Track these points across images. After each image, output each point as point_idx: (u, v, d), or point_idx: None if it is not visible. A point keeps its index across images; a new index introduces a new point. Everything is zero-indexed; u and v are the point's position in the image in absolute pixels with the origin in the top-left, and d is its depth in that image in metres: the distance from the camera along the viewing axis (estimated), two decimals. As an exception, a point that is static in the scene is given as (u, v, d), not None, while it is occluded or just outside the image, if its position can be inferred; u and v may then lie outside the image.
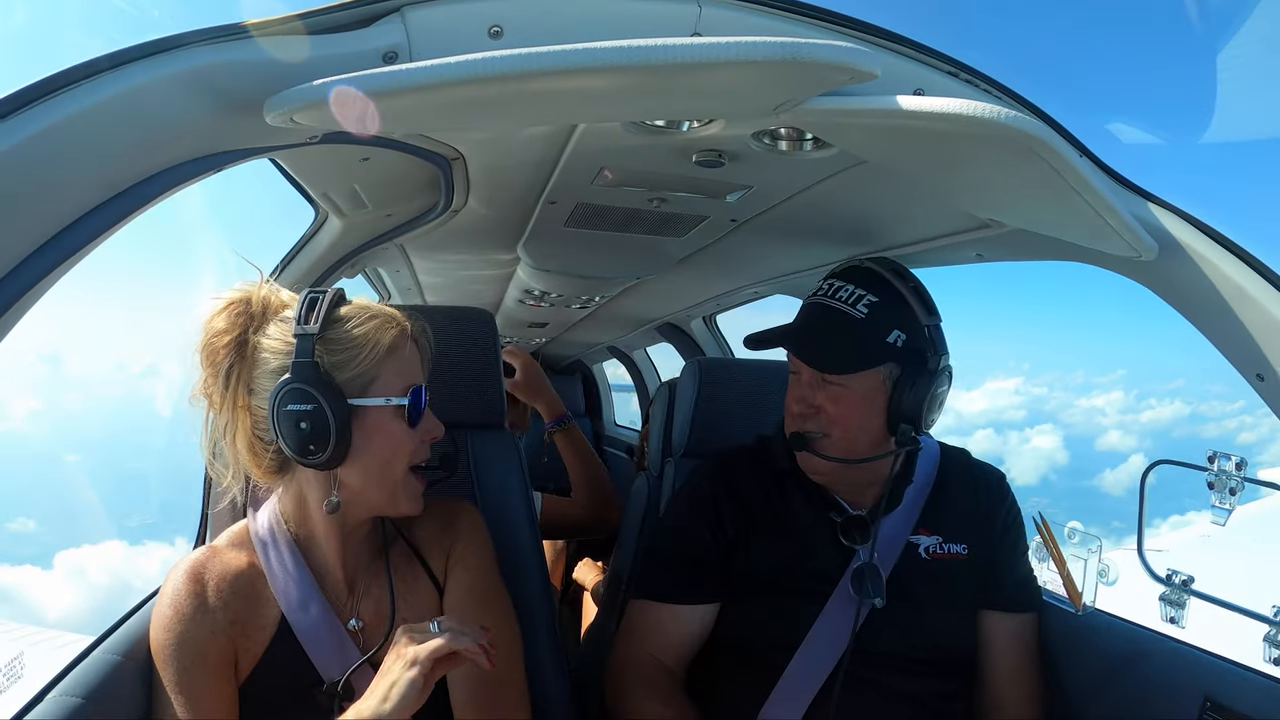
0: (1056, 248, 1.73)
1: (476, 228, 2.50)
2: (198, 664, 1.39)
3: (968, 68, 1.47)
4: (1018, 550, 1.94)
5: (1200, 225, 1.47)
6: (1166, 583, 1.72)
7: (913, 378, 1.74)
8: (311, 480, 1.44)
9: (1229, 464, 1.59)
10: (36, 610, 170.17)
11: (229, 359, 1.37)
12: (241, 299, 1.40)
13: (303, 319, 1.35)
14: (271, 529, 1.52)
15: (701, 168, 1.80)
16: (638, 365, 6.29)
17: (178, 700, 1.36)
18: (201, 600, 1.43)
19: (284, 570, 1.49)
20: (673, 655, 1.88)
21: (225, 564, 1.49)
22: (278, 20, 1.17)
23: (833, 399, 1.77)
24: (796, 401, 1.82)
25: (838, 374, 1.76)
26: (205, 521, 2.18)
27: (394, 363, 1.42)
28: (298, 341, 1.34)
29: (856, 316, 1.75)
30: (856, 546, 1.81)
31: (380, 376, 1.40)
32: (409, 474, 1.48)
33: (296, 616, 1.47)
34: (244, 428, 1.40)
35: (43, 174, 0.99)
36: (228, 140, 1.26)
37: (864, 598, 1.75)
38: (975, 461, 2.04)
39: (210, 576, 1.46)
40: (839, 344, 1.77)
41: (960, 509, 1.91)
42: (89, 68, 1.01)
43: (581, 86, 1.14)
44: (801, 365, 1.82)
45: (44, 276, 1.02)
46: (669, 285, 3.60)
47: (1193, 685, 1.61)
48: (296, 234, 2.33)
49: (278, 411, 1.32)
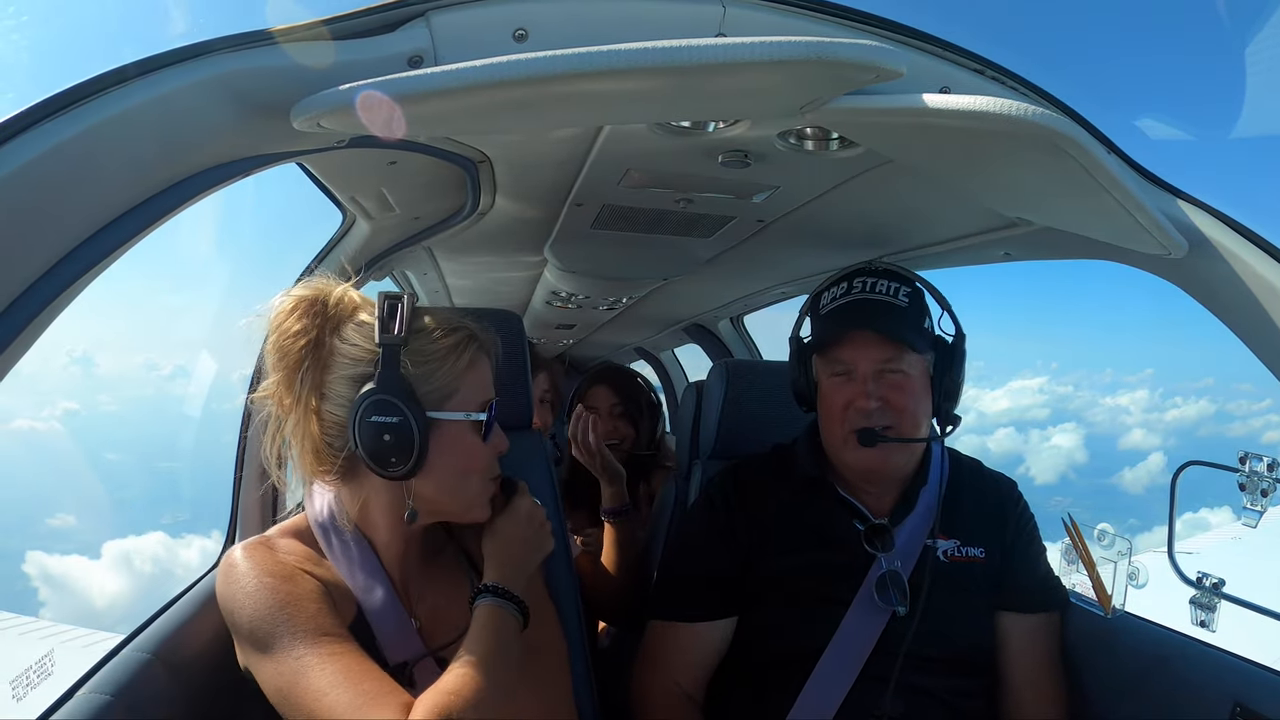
0: (1085, 246, 1.72)
1: (503, 230, 2.51)
2: (326, 609, 1.32)
3: (994, 65, 1.46)
4: (1033, 552, 1.95)
5: (1230, 222, 1.45)
6: (1197, 586, 1.69)
7: (949, 362, 1.83)
8: (380, 488, 1.42)
9: (1260, 465, 1.56)
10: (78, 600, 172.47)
11: (304, 361, 1.34)
12: (317, 298, 1.37)
13: (386, 326, 1.33)
14: (334, 521, 1.49)
15: (728, 168, 1.80)
16: (665, 366, 6.29)
17: (315, 652, 1.25)
18: (292, 566, 1.38)
19: (349, 557, 1.46)
20: (692, 676, 1.90)
21: (292, 548, 1.45)
22: (303, 26, 1.18)
23: (895, 387, 1.80)
24: (861, 397, 1.81)
25: (912, 351, 1.81)
26: (235, 519, 2.21)
27: (472, 377, 1.41)
28: (384, 350, 1.32)
29: (902, 305, 1.83)
30: (879, 554, 1.82)
31: (459, 391, 1.39)
32: (480, 484, 1.47)
33: (364, 599, 1.44)
34: (311, 432, 1.36)
35: (74, 179, 1.01)
36: (255, 145, 1.27)
37: (887, 605, 1.76)
38: (987, 470, 2.07)
39: (284, 553, 1.42)
40: (903, 328, 1.82)
41: (975, 514, 1.93)
42: (118, 75, 1.03)
43: (607, 88, 1.14)
44: (858, 359, 1.82)
45: (76, 280, 1.03)
46: (696, 286, 3.59)
47: (1222, 689, 1.59)
48: (324, 237, 2.34)
49: (360, 421, 1.30)
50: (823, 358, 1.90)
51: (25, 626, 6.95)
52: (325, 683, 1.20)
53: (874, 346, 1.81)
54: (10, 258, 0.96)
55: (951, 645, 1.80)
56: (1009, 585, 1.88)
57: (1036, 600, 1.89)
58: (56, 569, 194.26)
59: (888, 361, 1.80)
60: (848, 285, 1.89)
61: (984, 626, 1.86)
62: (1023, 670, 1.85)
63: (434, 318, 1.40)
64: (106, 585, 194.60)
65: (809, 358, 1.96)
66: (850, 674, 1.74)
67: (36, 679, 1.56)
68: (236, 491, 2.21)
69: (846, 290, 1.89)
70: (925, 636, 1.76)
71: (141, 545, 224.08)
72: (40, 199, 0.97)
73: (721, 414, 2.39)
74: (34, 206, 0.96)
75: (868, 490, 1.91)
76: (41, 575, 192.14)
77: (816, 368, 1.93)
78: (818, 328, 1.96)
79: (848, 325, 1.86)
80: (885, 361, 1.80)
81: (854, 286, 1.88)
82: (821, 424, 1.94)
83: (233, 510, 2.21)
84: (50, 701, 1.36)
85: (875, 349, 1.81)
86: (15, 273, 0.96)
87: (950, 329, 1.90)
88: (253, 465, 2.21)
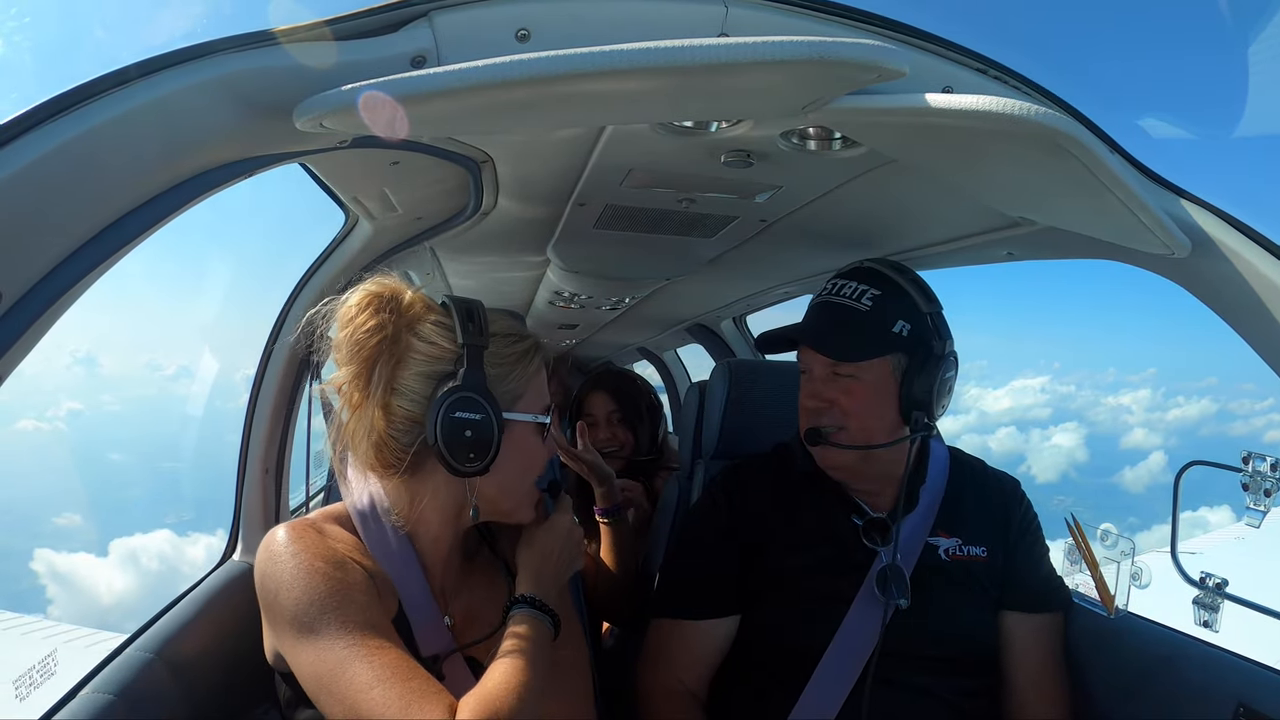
0: (1088, 245, 1.72)
1: (506, 230, 2.51)
2: (374, 601, 1.32)
3: (997, 64, 1.46)
4: (1036, 552, 1.94)
5: (1234, 221, 1.45)
6: (1200, 586, 1.69)
7: (920, 365, 1.79)
8: (442, 485, 1.44)
9: (1264, 465, 1.56)
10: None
11: (379, 355, 1.36)
12: (390, 295, 1.39)
13: (467, 328, 1.38)
14: (374, 511, 1.49)
15: (730, 168, 1.80)
16: (668, 366, 6.29)
17: (363, 644, 1.23)
18: (342, 554, 1.36)
19: (387, 550, 1.46)
20: (695, 674, 1.90)
21: (339, 535, 1.43)
22: (306, 27, 1.17)
23: (845, 391, 1.81)
24: (810, 398, 1.87)
25: (847, 362, 1.81)
26: (238, 518, 2.21)
27: (538, 382, 1.49)
28: (468, 350, 1.36)
29: (862, 309, 1.81)
30: (879, 548, 1.83)
31: (526, 394, 1.46)
32: (532, 486, 1.52)
33: (403, 592, 1.45)
34: (377, 425, 1.37)
35: (75, 181, 1.01)
36: (258, 145, 1.27)
37: (889, 599, 1.76)
38: (990, 469, 2.07)
39: (332, 540, 1.39)
40: (847, 336, 1.82)
41: (977, 513, 1.93)
42: (119, 76, 1.03)
43: (609, 88, 1.14)
44: (812, 362, 1.87)
45: (78, 280, 1.03)
46: (698, 286, 3.60)
47: (1225, 690, 1.58)
48: (327, 238, 2.34)
49: (442, 416, 1.33)
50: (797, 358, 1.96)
51: (28, 626, 6.97)
52: (371, 677, 1.20)
53: (820, 352, 1.86)
54: (13, 258, 0.96)
55: (954, 644, 1.80)
56: (1012, 585, 1.88)
57: (1040, 600, 1.89)
58: (63, 566, 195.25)
59: (834, 366, 1.83)
60: (827, 286, 1.92)
61: (987, 625, 1.86)
62: (1026, 670, 1.85)
63: (504, 323, 1.47)
64: (114, 583, 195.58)
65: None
66: (853, 672, 1.74)
67: (39, 679, 1.56)
68: (240, 490, 2.21)
69: (822, 291, 1.93)
70: (928, 635, 1.77)
71: (148, 543, 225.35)
72: (43, 200, 0.97)
73: (724, 414, 2.39)
74: (37, 207, 0.96)
75: (865, 487, 1.92)
76: (50, 573, 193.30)
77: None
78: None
79: (801, 330, 1.93)
80: (832, 366, 1.83)
81: (826, 289, 1.91)
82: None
83: (236, 509, 2.21)
84: (53, 701, 1.37)
85: (822, 354, 1.85)
86: (18, 273, 0.97)
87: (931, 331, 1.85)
88: (256, 464, 2.21)
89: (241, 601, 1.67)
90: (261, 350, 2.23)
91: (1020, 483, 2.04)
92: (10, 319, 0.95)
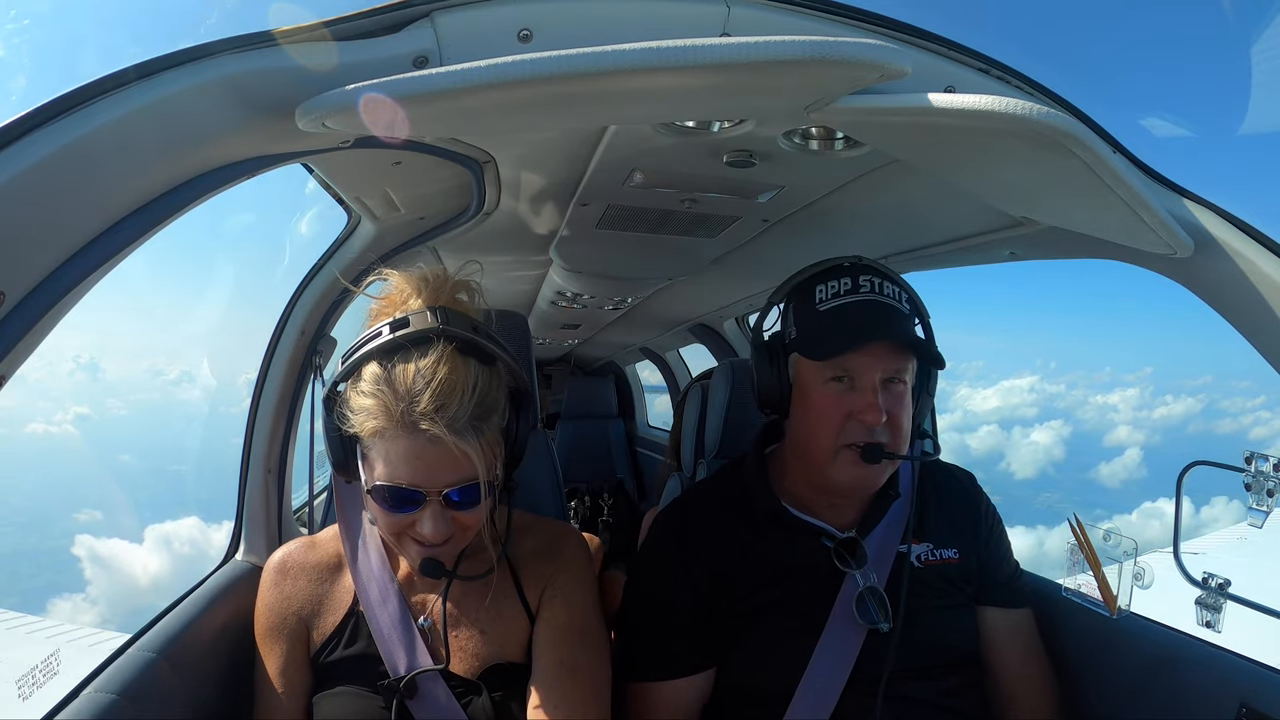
0: (1090, 245, 1.71)
1: (508, 230, 2.51)
2: (274, 631, 1.57)
3: (999, 64, 1.46)
4: (1005, 545, 1.91)
5: (1236, 221, 1.45)
6: (1203, 586, 1.69)
7: (926, 372, 1.76)
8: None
9: (1267, 465, 1.56)
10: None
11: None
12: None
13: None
14: (365, 527, 1.63)
15: (732, 168, 1.80)
16: (670, 366, 6.29)
17: (263, 661, 1.56)
18: (281, 585, 1.61)
19: (368, 567, 1.58)
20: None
21: (314, 555, 1.65)
22: (308, 27, 1.17)
23: (897, 399, 1.66)
24: (869, 410, 1.63)
25: (940, 367, 1.74)
26: (240, 517, 2.21)
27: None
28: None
29: (905, 310, 1.69)
30: (853, 571, 1.73)
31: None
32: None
33: (374, 612, 1.54)
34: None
35: (76, 182, 1.01)
36: (260, 146, 1.27)
37: (869, 622, 1.67)
38: (944, 464, 1.99)
39: (292, 565, 1.64)
40: (912, 334, 1.69)
41: (943, 514, 1.86)
42: (118, 78, 1.02)
43: (611, 88, 1.14)
44: (867, 368, 1.64)
45: (79, 283, 1.03)
46: (701, 286, 3.60)
47: (1228, 690, 1.58)
48: (329, 238, 2.34)
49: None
50: (817, 361, 1.69)
51: (32, 626, 6.98)
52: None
53: (887, 356, 1.64)
54: (15, 259, 0.96)
55: (937, 652, 1.74)
56: (989, 582, 1.84)
57: (1017, 594, 1.87)
58: (103, 551, 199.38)
59: (897, 371, 1.65)
60: (851, 282, 1.68)
61: (967, 626, 1.82)
62: (1012, 662, 1.82)
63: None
64: (149, 565, 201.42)
65: (787, 357, 1.80)
66: (834, 692, 1.67)
67: (42, 678, 1.56)
68: (242, 490, 2.21)
69: (852, 287, 1.68)
70: (911, 648, 1.69)
71: (178, 529, 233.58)
72: (46, 200, 0.97)
73: (727, 414, 2.39)
74: (39, 208, 0.96)
75: (829, 507, 1.81)
76: (89, 556, 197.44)
77: (801, 370, 1.75)
78: (813, 327, 1.72)
79: (862, 329, 1.65)
80: (895, 371, 1.65)
81: (860, 285, 1.67)
82: (805, 434, 1.74)
83: (238, 509, 2.21)
84: (57, 700, 1.37)
85: (888, 359, 1.64)
86: (20, 274, 0.97)
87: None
88: (258, 464, 2.21)
89: (244, 601, 1.68)
90: (263, 351, 2.23)
91: (974, 476, 1.97)
92: (12, 320, 0.95)
